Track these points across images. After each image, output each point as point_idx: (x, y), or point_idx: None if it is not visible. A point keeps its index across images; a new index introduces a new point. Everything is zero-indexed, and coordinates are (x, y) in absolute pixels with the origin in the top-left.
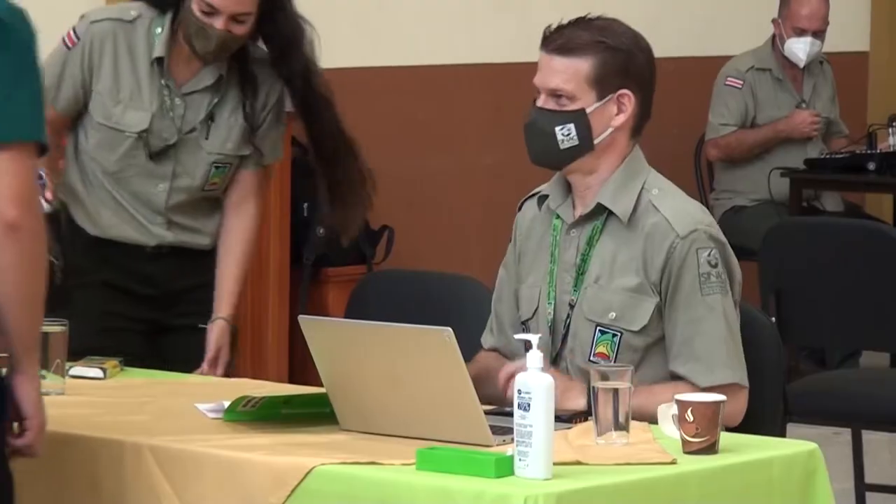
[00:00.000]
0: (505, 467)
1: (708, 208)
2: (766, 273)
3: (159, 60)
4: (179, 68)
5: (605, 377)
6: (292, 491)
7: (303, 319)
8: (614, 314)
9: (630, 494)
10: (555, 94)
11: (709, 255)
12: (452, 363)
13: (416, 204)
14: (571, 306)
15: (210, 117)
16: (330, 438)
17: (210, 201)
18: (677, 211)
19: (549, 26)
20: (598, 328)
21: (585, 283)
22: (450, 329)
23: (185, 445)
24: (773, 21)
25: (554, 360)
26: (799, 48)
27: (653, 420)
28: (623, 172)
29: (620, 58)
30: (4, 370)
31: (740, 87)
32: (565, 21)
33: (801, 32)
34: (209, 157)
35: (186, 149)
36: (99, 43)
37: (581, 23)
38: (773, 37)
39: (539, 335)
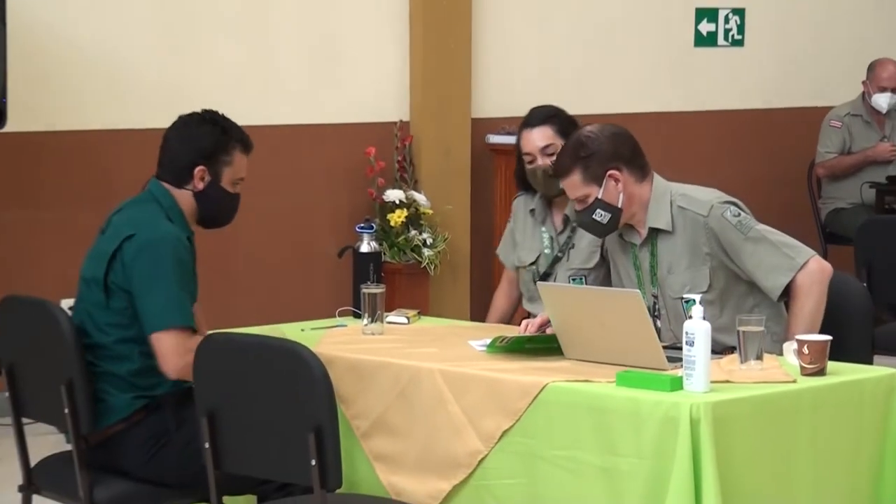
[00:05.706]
0: (677, 384)
1: (817, 211)
2: (860, 254)
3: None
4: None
5: (747, 324)
6: (533, 399)
7: (541, 285)
8: (688, 287)
9: (763, 403)
10: (578, 200)
11: (730, 211)
12: (640, 315)
13: None
14: (655, 296)
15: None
16: (558, 364)
17: None
18: (696, 201)
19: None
20: (682, 300)
21: (660, 277)
22: (638, 292)
23: (461, 368)
24: (863, 82)
25: (658, 332)
26: (882, 100)
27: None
28: (654, 198)
29: (593, 158)
30: None
31: (840, 127)
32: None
33: (882, 89)
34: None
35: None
36: None
37: (562, 149)
38: (863, 93)
39: (700, 295)
